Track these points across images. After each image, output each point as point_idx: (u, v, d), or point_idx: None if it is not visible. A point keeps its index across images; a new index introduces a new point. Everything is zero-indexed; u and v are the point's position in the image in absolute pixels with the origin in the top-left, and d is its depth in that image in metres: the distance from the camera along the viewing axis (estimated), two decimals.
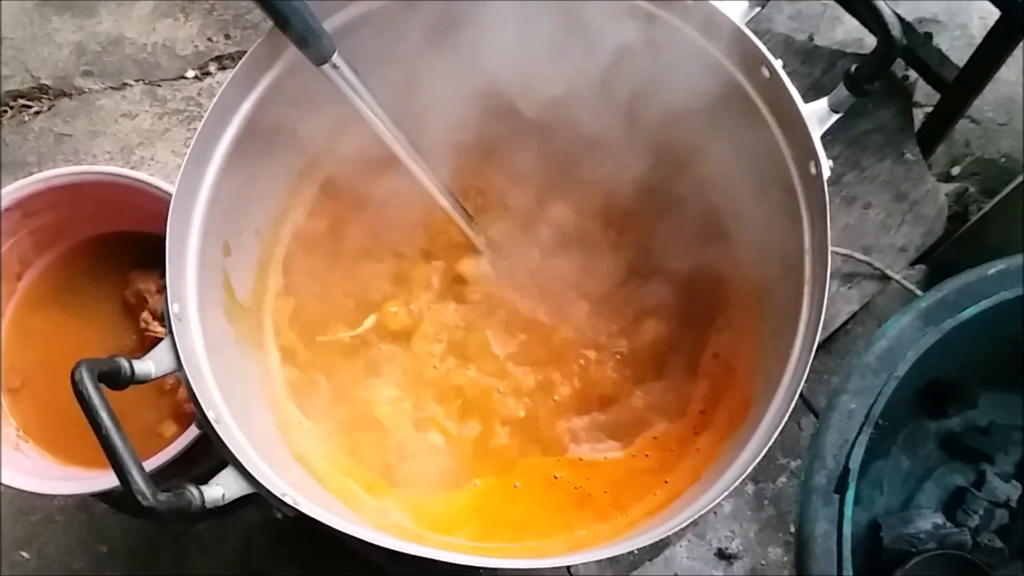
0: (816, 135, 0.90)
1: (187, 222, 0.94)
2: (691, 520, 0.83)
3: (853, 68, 0.88)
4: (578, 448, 1.16)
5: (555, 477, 1.14)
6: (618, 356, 1.20)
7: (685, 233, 1.12)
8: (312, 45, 0.94)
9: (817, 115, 0.91)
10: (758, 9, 0.95)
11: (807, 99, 0.92)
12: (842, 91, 0.89)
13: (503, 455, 1.16)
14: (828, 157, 0.90)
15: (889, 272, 1.54)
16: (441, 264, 1.24)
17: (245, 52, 0.96)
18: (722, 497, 0.83)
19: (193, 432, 1.19)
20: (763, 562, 1.54)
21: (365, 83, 1.01)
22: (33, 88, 1.94)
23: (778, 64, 0.91)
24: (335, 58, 0.97)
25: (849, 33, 1.93)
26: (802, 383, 0.85)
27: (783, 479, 1.59)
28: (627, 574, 1.28)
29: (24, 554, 1.57)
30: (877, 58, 0.86)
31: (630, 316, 1.21)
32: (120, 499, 1.35)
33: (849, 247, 1.55)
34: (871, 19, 0.82)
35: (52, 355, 1.34)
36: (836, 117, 0.91)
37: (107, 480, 1.19)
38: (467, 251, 1.24)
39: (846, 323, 1.61)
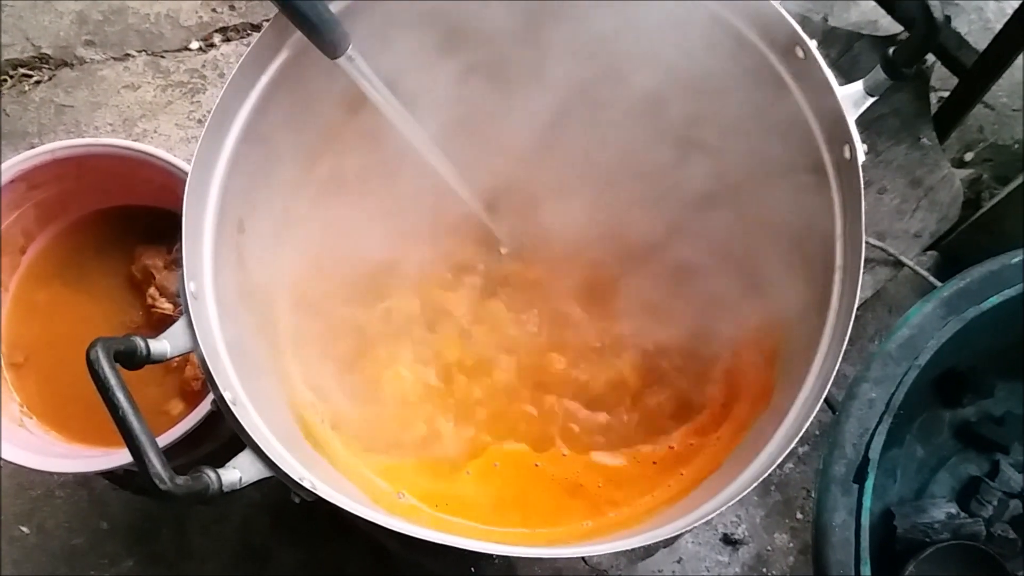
0: (851, 118, 0.88)
1: (203, 200, 0.92)
2: (719, 510, 0.82)
3: (891, 51, 0.86)
4: (587, 448, 1.16)
5: (535, 465, 1.13)
6: (638, 350, 1.18)
7: (709, 218, 1.10)
8: (325, 37, 0.92)
9: (852, 98, 0.89)
10: None
11: None
12: (879, 74, 0.87)
13: (514, 446, 1.15)
14: None
15: (903, 259, 1.53)
16: (460, 250, 1.22)
17: (250, 24, 0.94)
18: (750, 488, 0.82)
19: (201, 411, 1.17)
20: (769, 547, 1.53)
21: (379, 75, 0.99)
22: (34, 57, 1.91)
23: (813, 44, 0.89)
24: (350, 50, 0.95)
25: (864, 15, 1.91)
26: (833, 375, 0.84)
27: (790, 464, 1.58)
28: (640, 561, 1.27)
29: (24, 529, 1.56)
30: (917, 41, 0.84)
31: (651, 308, 1.18)
32: (123, 476, 1.34)
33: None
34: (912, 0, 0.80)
35: (56, 331, 1.32)
36: (871, 101, 0.89)
37: (111, 459, 1.17)
38: (487, 240, 1.22)
39: (857, 309, 1.59)
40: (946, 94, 1.67)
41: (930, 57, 1.64)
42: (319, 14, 0.90)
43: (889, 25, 1.80)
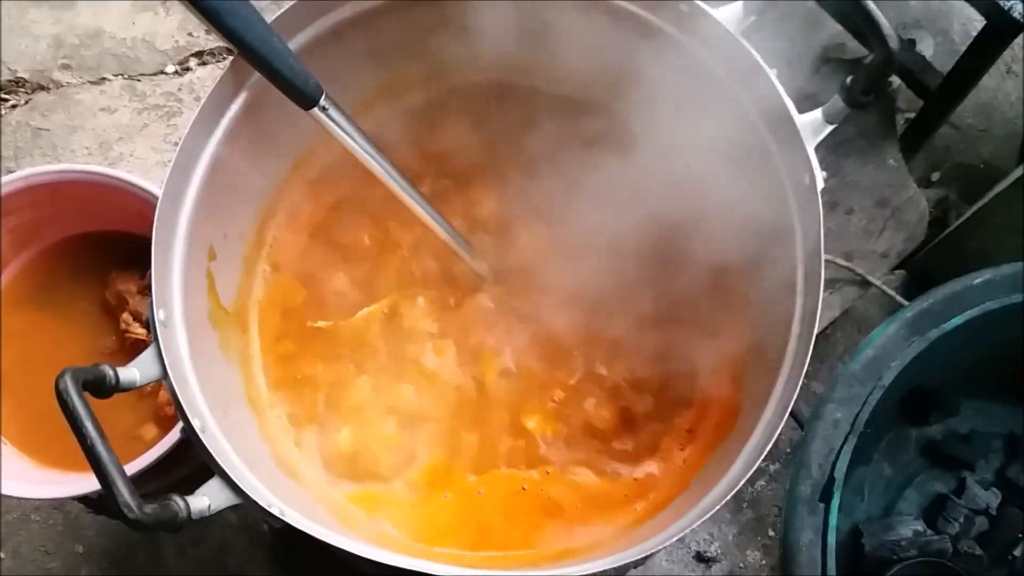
0: (810, 146, 0.90)
1: (173, 227, 0.93)
2: (685, 531, 0.83)
3: (849, 80, 0.87)
4: (560, 475, 1.15)
5: (523, 488, 1.13)
6: (609, 383, 1.18)
7: (674, 247, 1.11)
8: (299, 90, 0.93)
9: (811, 126, 0.91)
10: (752, 18, 0.94)
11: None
12: (837, 102, 0.89)
13: (488, 470, 1.15)
14: None
15: (871, 278, 1.55)
16: (440, 281, 1.22)
17: (226, 48, 0.94)
18: (714, 511, 0.83)
19: (173, 436, 1.17)
20: (741, 565, 1.54)
21: (353, 122, 1.00)
22: (10, 81, 1.91)
23: (773, 74, 0.91)
24: (323, 100, 0.96)
25: (832, 38, 1.93)
26: (795, 396, 0.85)
27: (762, 482, 1.59)
28: None
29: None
30: (874, 71, 0.85)
31: (622, 342, 1.19)
32: (97, 501, 1.33)
33: (831, 253, 1.55)
34: (868, 31, 0.82)
35: (31, 356, 1.32)
36: (830, 128, 0.91)
37: (86, 484, 1.17)
38: (468, 275, 1.22)
39: (826, 329, 1.61)
40: (912, 115, 1.70)
41: (896, 79, 1.66)
42: (291, 66, 0.91)
43: (857, 48, 1.82)
